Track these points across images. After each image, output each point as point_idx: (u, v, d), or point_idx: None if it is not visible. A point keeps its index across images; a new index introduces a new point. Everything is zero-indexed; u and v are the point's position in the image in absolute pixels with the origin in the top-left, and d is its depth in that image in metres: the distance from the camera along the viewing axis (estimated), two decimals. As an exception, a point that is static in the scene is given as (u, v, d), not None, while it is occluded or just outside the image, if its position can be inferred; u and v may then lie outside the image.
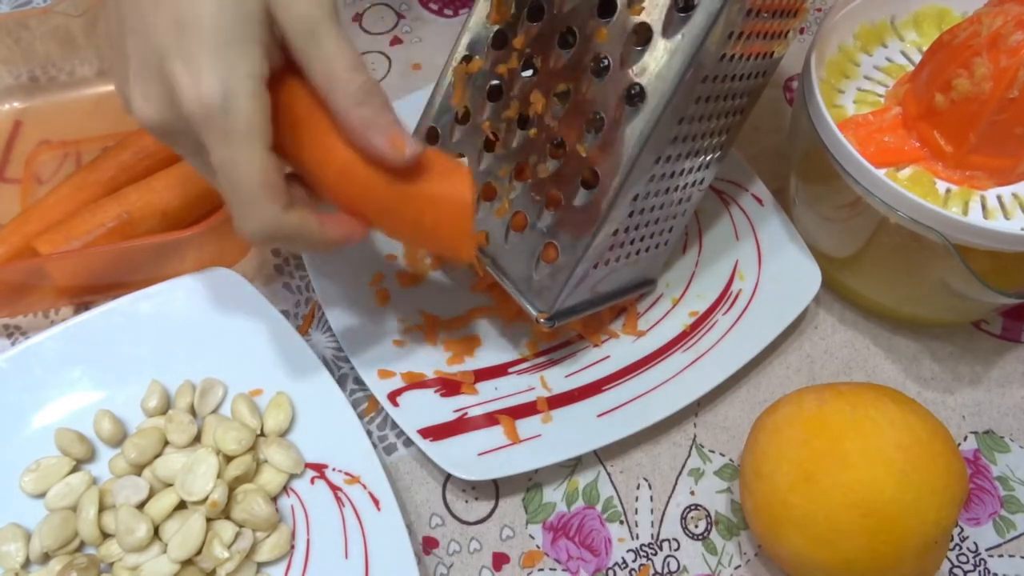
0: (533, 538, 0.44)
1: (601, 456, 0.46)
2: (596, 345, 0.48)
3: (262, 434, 0.44)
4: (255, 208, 0.33)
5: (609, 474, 0.46)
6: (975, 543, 0.44)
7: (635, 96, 0.38)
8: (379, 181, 0.35)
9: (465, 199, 0.36)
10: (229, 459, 0.43)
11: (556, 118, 0.40)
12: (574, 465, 0.46)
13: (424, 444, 0.43)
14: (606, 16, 0.38)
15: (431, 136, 0.45)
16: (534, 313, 0.42)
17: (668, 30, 0.37)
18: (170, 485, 0.42)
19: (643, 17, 0.37)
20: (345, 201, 0.37)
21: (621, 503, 0.45)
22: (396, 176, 0.35)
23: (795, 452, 0.39)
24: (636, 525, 0.44)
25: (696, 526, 0.44)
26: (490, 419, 0.45)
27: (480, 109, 0.43)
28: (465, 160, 0.44)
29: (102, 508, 0.42)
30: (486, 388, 0.46)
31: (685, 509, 0.45)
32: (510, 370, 0.47)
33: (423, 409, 0.45)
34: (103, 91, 0.58)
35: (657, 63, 0.37)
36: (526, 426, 0.45)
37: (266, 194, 0.33)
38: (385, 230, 0.39)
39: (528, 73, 0.41)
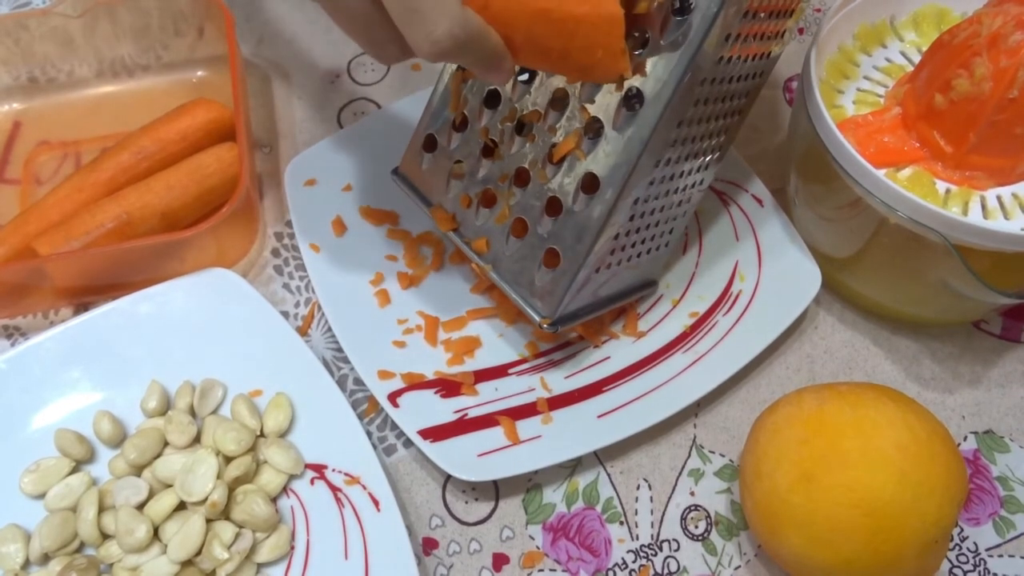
0: (533, 539, 0.44)
1: (601, 457, 0.46)
2: (596, 346, 0.48)
3: (262, 435, 0.44)
4: (443, 4, 0.31)
5: (609, 475, 0.45)
6: (975, 543, 0.44)
7: (633, 100, 0.38)
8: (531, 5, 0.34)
9: (616, 15, 0.34)
10: (229, 460, 0.43)
11: (554, 123, 0.40)
12: (574, 466, 0.46)
13: (424, 445, 0.43)
14: None
15: (429, 144, 0.44)
16: (537, 319, 0.42)
17: (665, 34, 0.37)
18: (170, 486, 0.42)
19: (640, 22, 0.37)
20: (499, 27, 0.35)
21: (621, 504, 0.45)
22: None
23: (795, 452, 0.39)
24: (636, 526, 0.44)
25: (696, 527, 0.44)
26: (490, 420, 0.45)
27: (478, 115, 0.43)
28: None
29: (102, 509, 0.42)
30: (486, 389, 0.46)
31: (685, 510, 0.45)
32: (510, 371, 0.47)
33: (423, 410, 0.45)
34: (102, 91, 0.58)
35: (655, 67, 0.37)
36: (526, 427, 0.45)
37: None
38: (533, 58, 0.36)
39: (524, 77, 0.41)
